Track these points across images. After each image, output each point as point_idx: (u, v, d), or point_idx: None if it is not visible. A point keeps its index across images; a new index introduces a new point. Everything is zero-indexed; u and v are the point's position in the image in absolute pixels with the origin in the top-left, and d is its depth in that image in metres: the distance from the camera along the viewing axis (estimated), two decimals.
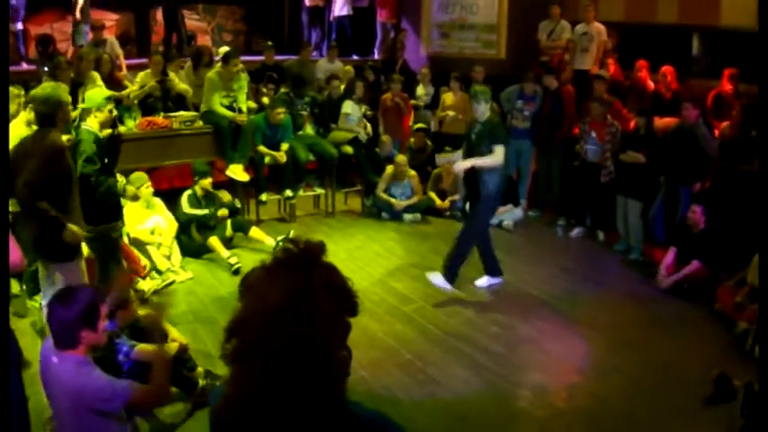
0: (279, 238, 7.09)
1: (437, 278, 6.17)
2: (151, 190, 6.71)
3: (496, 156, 6.04)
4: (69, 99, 4.47)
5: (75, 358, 2.96)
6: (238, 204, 7.70)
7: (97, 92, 5.18)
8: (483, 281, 6.50)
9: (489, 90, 6.39)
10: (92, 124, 4.93)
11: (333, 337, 1.39)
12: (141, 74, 8.47)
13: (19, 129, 5.14)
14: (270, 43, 10.29)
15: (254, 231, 7.29)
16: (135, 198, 6.57)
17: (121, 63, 9.55)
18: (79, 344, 2.95)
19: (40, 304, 4.80)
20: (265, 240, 7.17)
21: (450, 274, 6.14)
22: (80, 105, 5.27)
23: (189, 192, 7.13)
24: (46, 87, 4.45)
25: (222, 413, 1.41)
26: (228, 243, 7.17)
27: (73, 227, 4.35)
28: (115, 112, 5.36)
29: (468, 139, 6.45)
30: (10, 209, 4.79)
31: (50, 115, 4.32)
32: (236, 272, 6.58)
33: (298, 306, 1.34)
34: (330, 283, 1.42)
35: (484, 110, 6.17)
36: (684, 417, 4.43)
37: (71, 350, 2.95)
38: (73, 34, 10.22)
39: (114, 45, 9.55)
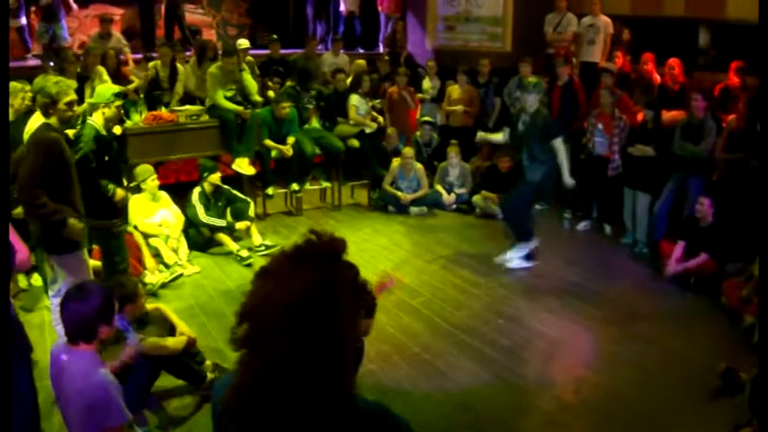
0: (242, 246, 6.97)
1: (512, 261, 6.56)
2: (157, 183, 6.71)
3: (560, 150, 6.40)
4: (73, 96, 4.37)
5: (88, 354, 2.97)
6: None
7: (107, 87, 5.16)
8: (509, 256, 6.68)
9: (541, 83, 6.67)
10: (97, 120, 4.92)
11: (348, 333, 1.40)
12: (151, 64, 8.52)
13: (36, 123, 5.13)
14: (275, 37, 10.27)
15: (241, 225, 7.15)
16: (137, 190, 6.57)
17: (128, 57, 9.55)
18: (95, 338, 2.99)
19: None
20: (232, 243, 7.00)
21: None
22: (87, 100, 5.25)
23: (198, 189, 7.08)
24: (47, 79, 4.42)
25: (229, 401, 1.40)
26: (232, 233, 7.12)
27: (73, 221, 4.35)
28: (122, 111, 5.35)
29: (514, 127, 6.65)
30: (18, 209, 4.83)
31: (42, 106, 4.29)
32: (249, 265, 6.61)
33: (321, 299, 1.35)
34: (353, 282, 1.43)
35: (533, 101, 6.40)
36: (691, 409, 4.42)
37: (85, 344, 2.97)
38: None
39: (120, 40, 9.57)
